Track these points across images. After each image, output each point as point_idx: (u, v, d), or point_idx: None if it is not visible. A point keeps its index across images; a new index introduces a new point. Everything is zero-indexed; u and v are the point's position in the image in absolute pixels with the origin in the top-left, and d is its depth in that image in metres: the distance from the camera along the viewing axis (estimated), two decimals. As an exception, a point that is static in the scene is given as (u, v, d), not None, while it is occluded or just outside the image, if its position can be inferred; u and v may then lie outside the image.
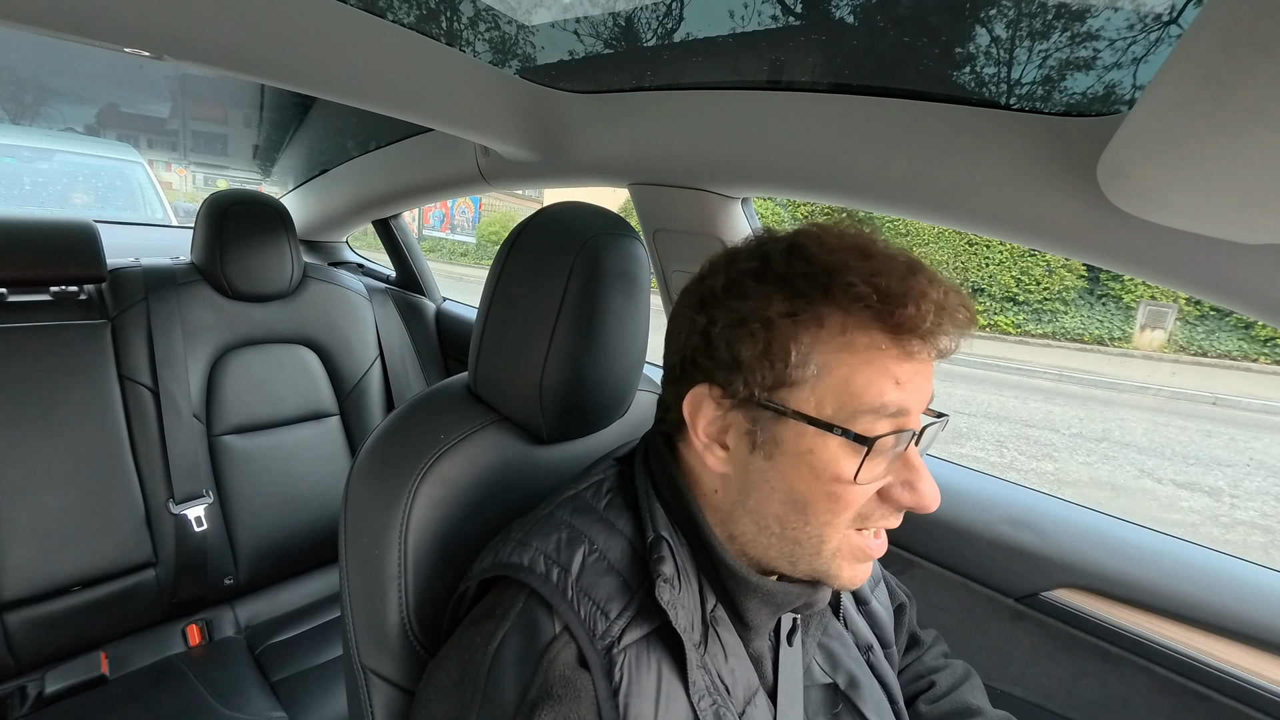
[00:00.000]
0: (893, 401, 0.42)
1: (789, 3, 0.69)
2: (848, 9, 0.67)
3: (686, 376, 0.48)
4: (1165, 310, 7.80)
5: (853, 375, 0.42)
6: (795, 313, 0.42)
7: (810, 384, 0.42)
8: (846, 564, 0.46)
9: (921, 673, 0.70)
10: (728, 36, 0.78)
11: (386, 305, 1.65)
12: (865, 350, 0.42)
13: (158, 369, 1.22)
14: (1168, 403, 6.70)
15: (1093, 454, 5.14)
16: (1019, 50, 0.63)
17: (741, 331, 0.44)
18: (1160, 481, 4.65)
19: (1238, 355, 7.39)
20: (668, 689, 0.42)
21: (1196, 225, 0.53)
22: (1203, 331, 7.64)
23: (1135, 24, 0.56)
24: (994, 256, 8.54)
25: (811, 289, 0.42)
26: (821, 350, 0.42)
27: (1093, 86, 0.61)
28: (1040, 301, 8.44)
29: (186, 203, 3.84)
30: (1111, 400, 6.81)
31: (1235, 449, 5.47)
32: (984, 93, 0.68)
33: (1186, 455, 5.27)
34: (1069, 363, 7.69)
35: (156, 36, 0.66)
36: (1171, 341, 7.81)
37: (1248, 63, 0.31)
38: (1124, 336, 8.05)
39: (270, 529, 1.37)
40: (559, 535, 0.47)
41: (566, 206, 0.62)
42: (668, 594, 0.43)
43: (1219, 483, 4.67)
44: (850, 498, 0.43)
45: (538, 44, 0.93)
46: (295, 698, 1.14)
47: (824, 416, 0.42)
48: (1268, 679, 0.70)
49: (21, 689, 1.09)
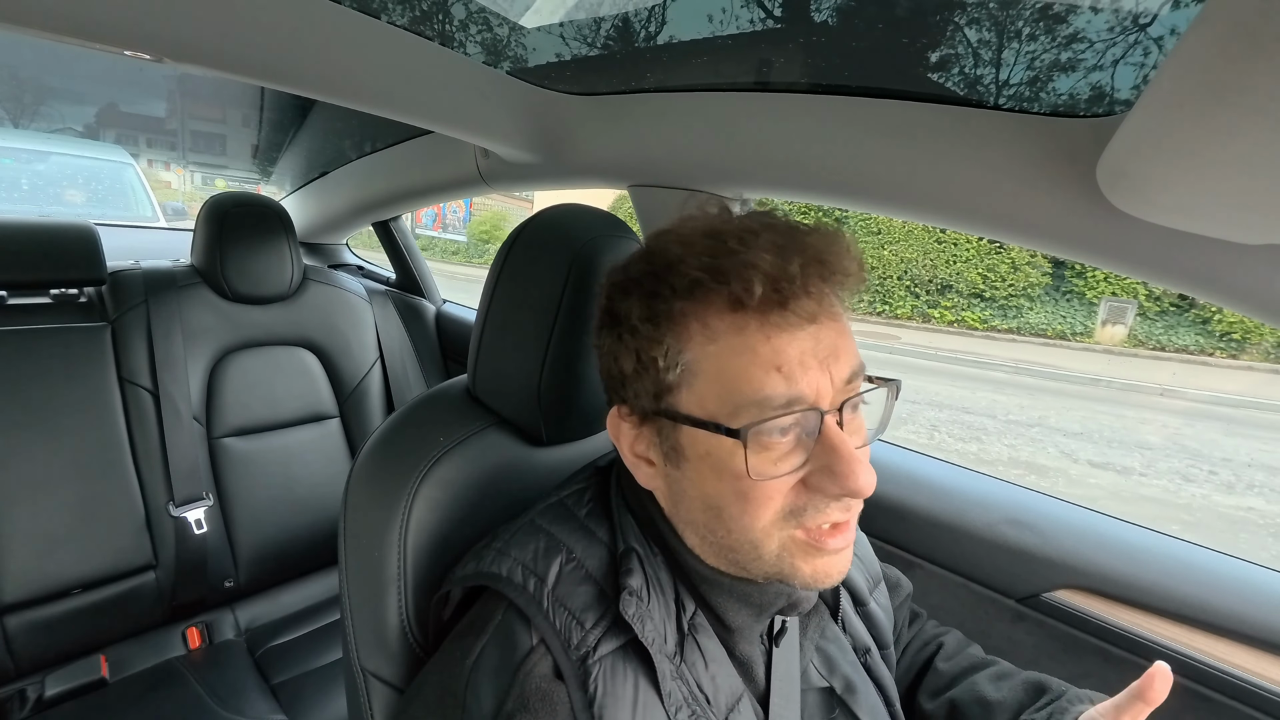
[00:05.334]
0: (778, 394, 0.38)
1: (786, 4, 0.69)
2: (847, 10, 0.67)
3: (608, 401, 0.49)
4: (1126, 306, 7.98)
5: (725, 367, 0.40)
6: (653, 315, 0.41)
7: (687, 384, 0.41)
8: (801, 561, 0.42)
9: (928, 640, 0.72)
10: (727, 38, 0.78)
11: (386, 307, 1.65)
12: (728, 336, 0.40)
13: (158, 371, 1.22)
14: (1117, 394, 6.86)
15: (1021, 438, 5.31)
16: (1018, 52, 0.63)
17: (619, 346, 0.44)
18: (1076, 461, 4.90)
19: (1195, 349, 7.57)
20: (644, 699, 0.41)
21: (1197, 226, 0.52)
22: (1161, 327, 7.83)
23: (1134, 25, 0.56)
24: (961, 254, 8.67)
25: (660, 287, 0.41)
26: (688, 347, 0.41)
27: (1092, 87, 0.61)
28: (1006, 297, 8.60)
29: (175, 202, 4.00)
30: (1061, 391, 6.96)
31: (1165, 434, 5.68)
32: (983, 94, 0.68)
33: (1113, 439, 5.49)
34: (1032, 357, 7.84)
35: (157, 40, 0.67)
36: (1132, 336, 7.96)
37: (1247, 63, 0.31)
38: (1086, 331, 8.17)
39: (270, 531, 1.37)
40: (537, 544, 0.46)
41: (565, 209, 0.62)
42: (633, 607, 0.42)
43: (1133, 463, 4.95)
44: (759, 494, 0.40)
45: (537, 46, 0.93)
46: (295, 700, 1.14)
47: (707, 415, 0.40)
48: (1270, 680, 0.69)
49: (21, 692, 1.08)
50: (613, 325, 0.45)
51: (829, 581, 0.43)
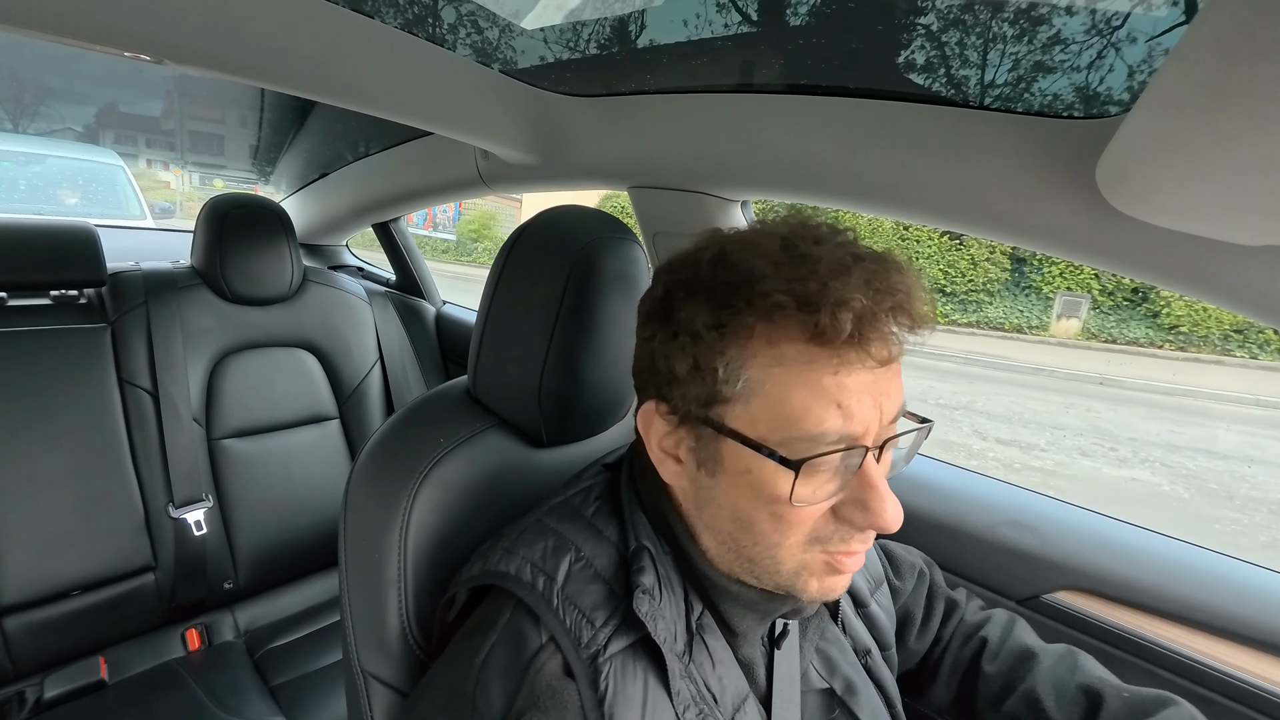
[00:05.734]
0: (834, 430, 0.38)
1: (786, 5, 0.69)
2: (848, 11, 0.67)
3: (641, 391, 0.48)
4: (1080, 300, 8.30)
5: (787, 395, 0.39)
6: (721, 324, 0.40)
7: (743, 400, 0.40)
8: (815, 580, 0.43)
9: (969, 632, 0.67)
10: (726, 40, 0.78)
11: (386, 308, 1.65)
12: (796, 364, 0.39)
13: (157, 373, 1.22)
14: (1058, 382, 7.12)
15: (942, 419, 5.55)
16: (1018, 53, 0.63)
17: (673, 346, 0.42)
18: (985, 439, 5.29)
19: (1144, 342, 8.03)
20: (653, 698, 0.41)
21: (1196, 227, 0.53)
22: (1114, 320, 8.21)
23: (1134, 26, 0.56)
24: (923, 250, 8.90)
25: (734, 298, 0.40)
26: (752, 364, 0.40)
27: (1091, 88, 0.61)
28: (966, 292, 8.87)
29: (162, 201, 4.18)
30: (1002, 380, 7.22)
31: (1085, 418, 6.02)
32: (984, 95, 0.68)
33: (1031, 421, 5.85)
34: (986, 349, 8.09)
35: (157, 41, 0.67)
36: (1085, 329, 8.30)
37: (1246, 65, 0.31)
38: (1041, 325, 8.51)
39: (270, 533, 1.37)
40: (545, 543, 0.46)
41: (565, 210, 0.62)
42: (646, 605, 0.42)
43: (1039, 440, 5.34)
44: (794, 518, 0.40)
45: (536, 47, 0.93)
46: (295, 702, 1.13)
47: (757, 436, 0.40)
48: (1270, 681, 0.69)
49: (20, 694, 1.08)
50: (668, 322, 0.43)
51: (833, 596, 0.45)
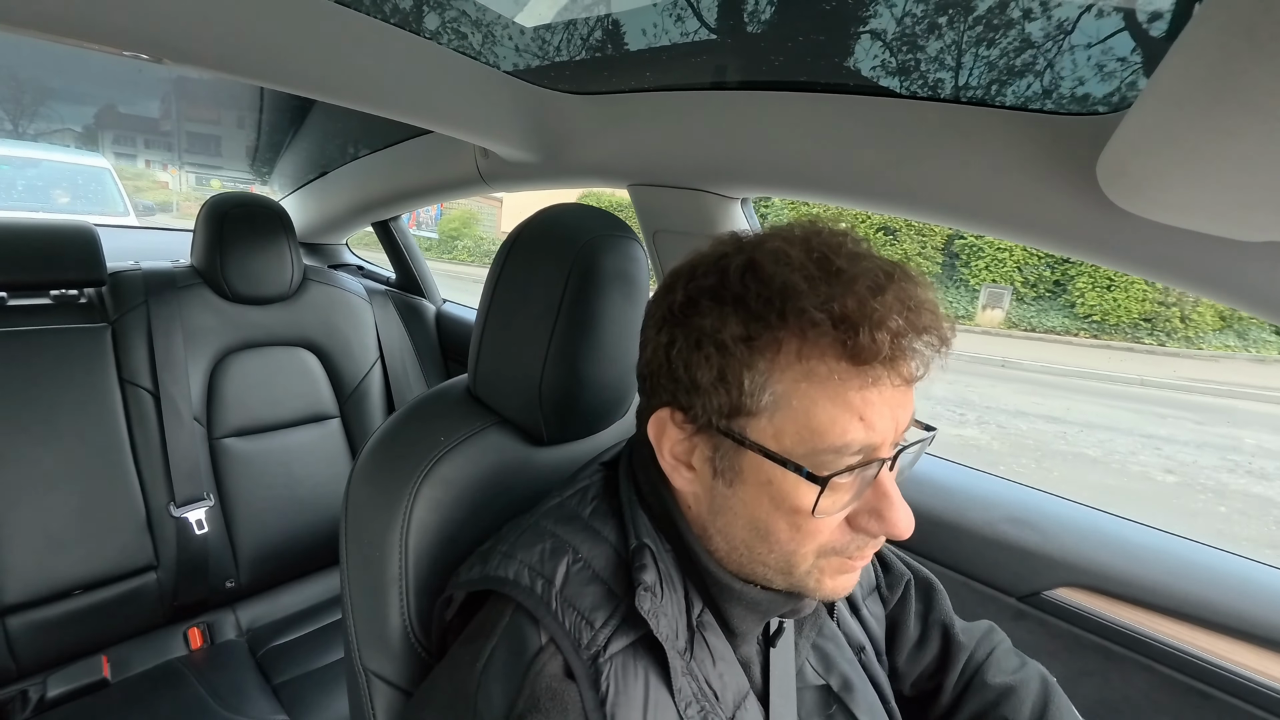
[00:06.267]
0: (857, 441, 0.39)
1: (785, 4, 0.69)
2: (848, 8, 0.67)
3: (652, 395, 0.46)
4: (1003, 291, 8.92)
5: (813, 409, 0.39)
6: (751, 337, 0.40)
7: (768, 413, 0.40)
8: (827, 579, 0.44)
9: (992, 699, 0.61)
10: (726, 37, 0.78)
11: (387, 307, 1.65)
12: (825, 380, 0.39)
13: (158, 372, 1.22)
14: (962, 365, 7.40)
15: None
16: (1018, 50, 0.63)
17: (697, 355, 0.41)
18: None
19: (1061, 331, 8.65)
20: (655, 697, 0.41)
21: (1196, 223, 0.52)
22: (1034, 310, 8.86)
23: (1134, 23, 0.56)
24: None
25: (767, 311, 0.39)
26: (779, 378, 0.39)
27: (1092, 85, 0.61)
28: None
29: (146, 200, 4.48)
30: None
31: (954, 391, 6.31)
32: (983, 92, 0.68)
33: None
34: None
35: (156, 41, 0.67)
36: (1008, 319, 8.95)
37: (1247, 60, 0.31)
38: (968, 315, 9.14)
39: (271, 532, 1.37)
40: (543, 546, 0.46)
41: (564, 208, 0.62)
42: (648, 603, 0.42)
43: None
44: (812, 528, 0.41)
45: (536, 46, 0.93)
46: (297, 700, 1.14)
47: (782, 450, 0.40)
48: (1270, 677, 0.69)
49: (23, 693, 1.08)
50: (689, 329, 0.42)
51: (843, 594, 0.46)
